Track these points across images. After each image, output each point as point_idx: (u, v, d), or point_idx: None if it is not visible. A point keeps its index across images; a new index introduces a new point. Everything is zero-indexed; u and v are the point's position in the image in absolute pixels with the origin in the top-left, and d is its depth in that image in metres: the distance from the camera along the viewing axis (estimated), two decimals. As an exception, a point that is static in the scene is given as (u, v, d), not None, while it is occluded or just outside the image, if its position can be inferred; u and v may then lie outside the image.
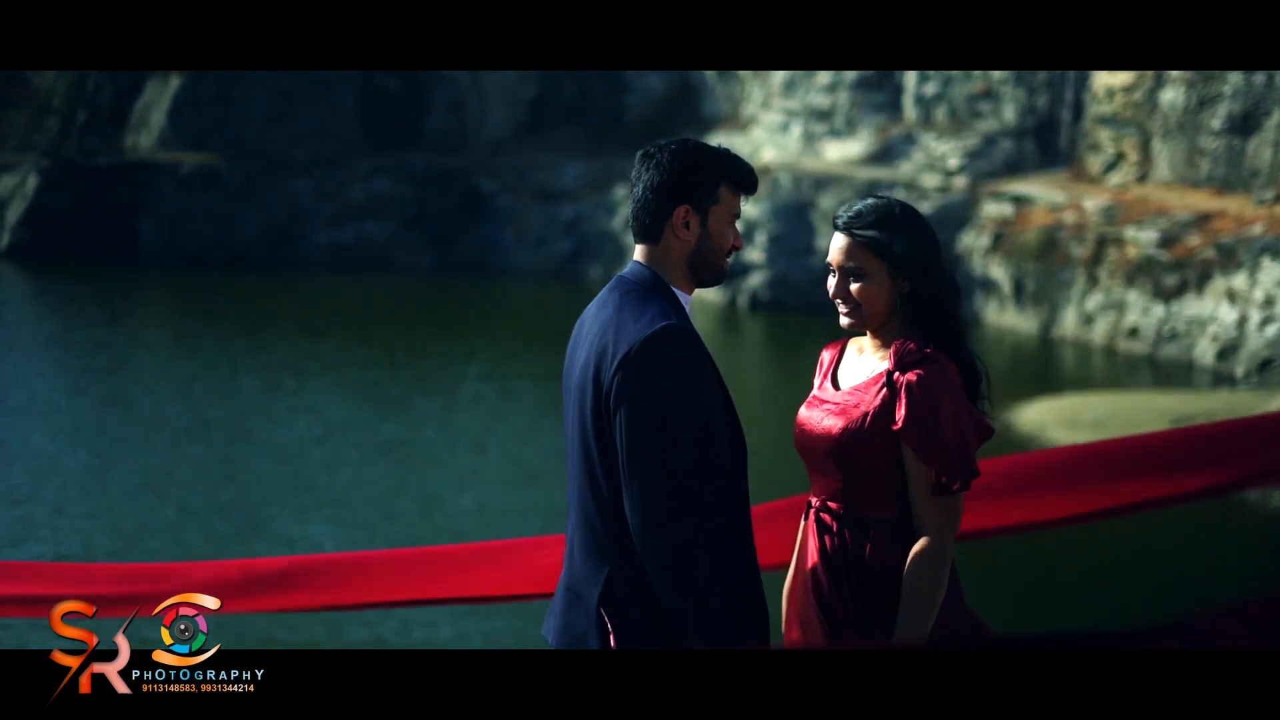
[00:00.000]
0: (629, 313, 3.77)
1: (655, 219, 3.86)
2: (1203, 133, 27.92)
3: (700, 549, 3.64)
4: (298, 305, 31.10)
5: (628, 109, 37.12)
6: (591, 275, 34.04)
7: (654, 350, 3.68)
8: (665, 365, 3.68)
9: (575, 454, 3.85)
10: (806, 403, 4.03)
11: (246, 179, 35.97)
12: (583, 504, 3.82)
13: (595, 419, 3.77)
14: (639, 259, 3.91)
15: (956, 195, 30.38)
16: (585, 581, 3.80)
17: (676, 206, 3.84)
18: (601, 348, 3.77)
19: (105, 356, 25.33)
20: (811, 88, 33.58)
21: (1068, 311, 28.13)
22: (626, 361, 3.69)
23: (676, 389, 3.67)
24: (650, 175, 3.85)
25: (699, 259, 3.87)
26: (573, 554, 3.86)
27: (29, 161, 36.40)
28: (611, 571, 3.74)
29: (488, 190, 36.07)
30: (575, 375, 3.87)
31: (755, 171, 3.94)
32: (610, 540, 3.76)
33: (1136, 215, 27.69)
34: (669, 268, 3.87)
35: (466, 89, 37.29)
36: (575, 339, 3.95)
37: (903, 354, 3.88)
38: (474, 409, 22.41)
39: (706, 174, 3.84)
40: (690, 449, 3.67)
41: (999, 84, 31.28)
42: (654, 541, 3.63)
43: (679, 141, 3.89)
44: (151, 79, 37.03)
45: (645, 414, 3.66)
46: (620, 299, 3.82)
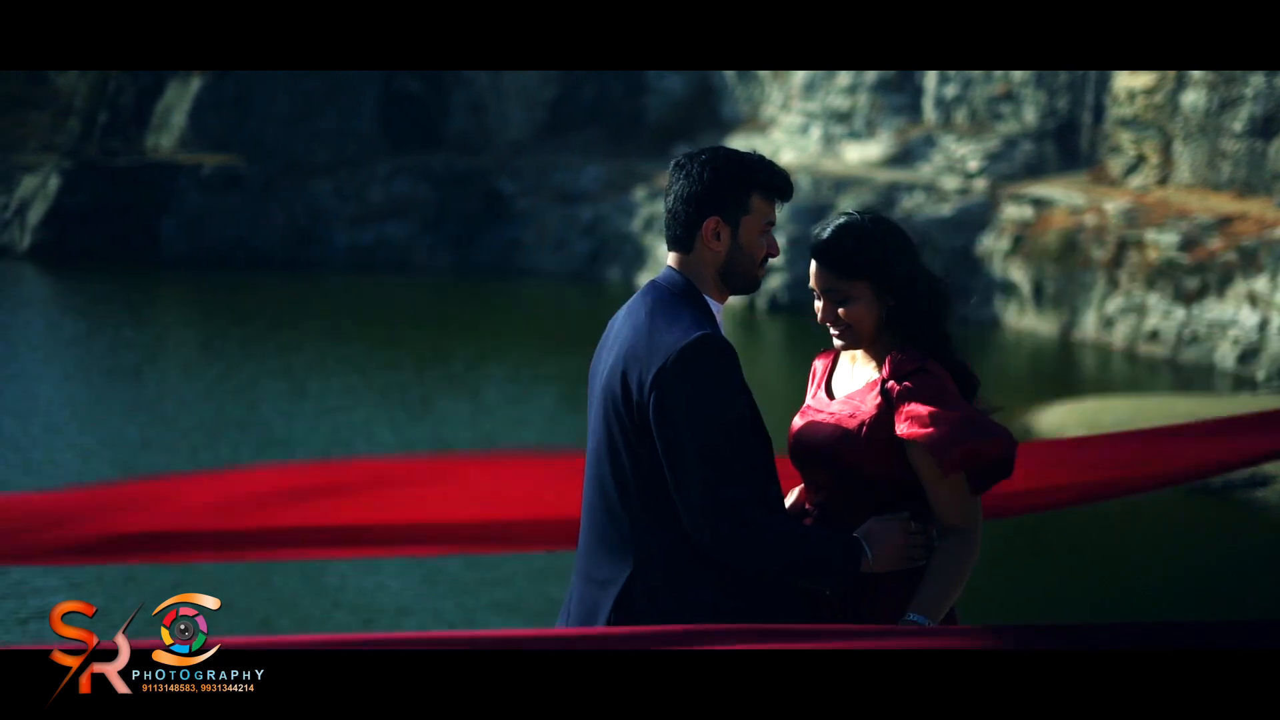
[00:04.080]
0: (661, 320, 3.78)
1: (686, 229, 3.86)
2: (1224, 135, 27.84)
3: (765, 524, 3.71)
4: (320, 306, 31.16)
5: (647, 111, 37.12)
6: (611, 277, 34.04)
7: (689, 359, 3.69)
8: (702, 374, 3.70)
9: (597, 456, 3.86)
10: (800, 412, 4.01)
11: (267, 180, 36.05)
12: (602, 505, 3.83)
13: (620, 423, 3.78)
14: (672, 265, 3.92)
15: (976, 197, 30.33)
16: (602, 583, 3.80)
17: (707, 218, 3.84)
18: (631, 353, 3.78)
19: (130, 357, 25.41)
20: (831, 89, 33.56)
21: (1088, 314, 28.07)
22: (663, 371, 3.71)
23: (715, 395, 3.70)
24: (681, 186, 3.86)
25: (730, 269, 3.87)
26: (588, 554, 3.87)
27: (51, 162, 36.53)
28: (632, 575, 3.75)
29: (508, 192, 36.10)
30: (602, 377, 3.88)
31: (790, 178, 3.93)
32: (631, 542, 3.77)
33: (1157, 218, 27.62)
34: (701, 276, 3.87)
35: (487, 91, 37.33)
36: (604, 341, 3.96)
37: (897, 364, 3.88)
38: (498, 412, 22.43)
39: (737, 184, 3.84)
40: (732, 449, 3.71)
41: (1019, 86, 31.22)
42: (721, 528, 3.66)
43: (710, 151, 3.88)
44: (173, 80, 37.14)
45: (688, 420, 3.68)
46: (653, 304, 3.82)
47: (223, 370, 24.48)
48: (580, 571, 3.88)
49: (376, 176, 36.33)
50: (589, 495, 3.88)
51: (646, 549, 3.75)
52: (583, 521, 3.91)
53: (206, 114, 36.56)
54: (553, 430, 21.14)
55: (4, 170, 36.87)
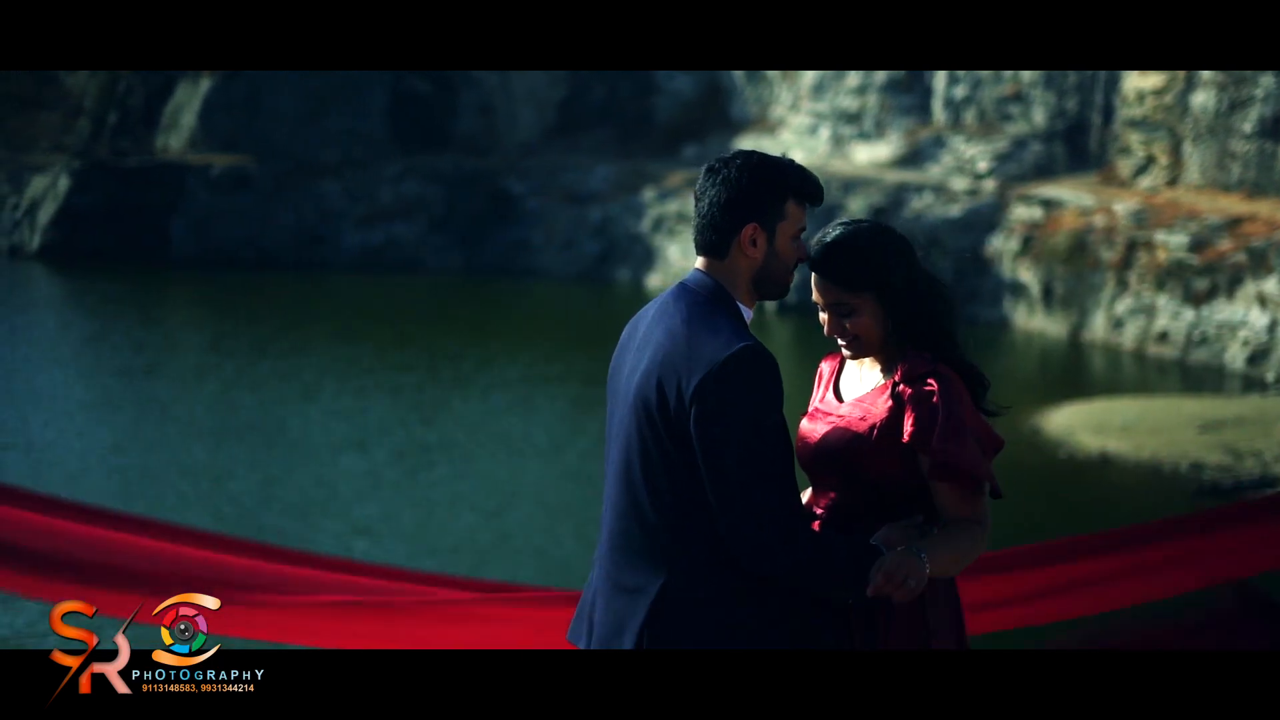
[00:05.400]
0: (701, 327, 3.74)
1: (722, 235, 3.81)
2: (1234, 136, 27.80)
3: (807, 536, 3.72)
4: (329, 307, 31.19)
5: (657, 111, 37.12)
6: (619, 277, 34.04)
7: (734, 370, 3.66)
8: (747, 385, 3.66)
9: (625, 461, 3.80)
10: (808, 415, 3.98)
11: (277, 180, 36.09)
12: (633, 513, 3.78)
13: (655, 430, 3.73)
14: (702, 269, 3.86)
15: (986, 198, 30.30)
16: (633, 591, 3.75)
17: (745, 224, 3.79)
18: (669, 361, 3.73)
19: (141, 357, 25.43)
20: (840, 90, 33.55)
21: (1097, 315, 28.04)
22: (707, 381, 3.67)
23: (759, 406, 3.68)
24: (717, 192, 3.80)
25: (765, 275, 3.84)
26: (615, 561, 3.81)
27: (61, 162, 36.59)
28: (665, 584, 3.71)
29: (516, 192, 36.12)
30: (631, 381, 3.83)
31: (820, 182, 3.90)
32: (664, 551, 3.72)
33: (1167, 219, 27.59)
34: (734, 282, 3.83)
35: (496, 91, 37.35)
36: (627, 343, 3.91)
37: (908, 368, 3.87)
38: (509, 413, 22.43)
39: (773, 189, 3.80)
40: (772, 460, 3.70)
41: (1029, 87, 31.19)
42: (764, 540, 3.65)
43: (743, 155, 3.83)
44: (182, 81, 37.19)
45: (732, 431, 3.66)
46: (688, 311, 3.77)
47: (233, 370, 24.50)
48: (605, 577, 3.82)
49: (385, 177, 36.36)
50: (615, 501, 3.82)
51: (680, 559, 3.71)
52: (607, 526, 3.85)
53: (216, 114, 36.60)
54: (565, 431, 21.15)
55: (14, 171, 36.93)
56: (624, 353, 3.90)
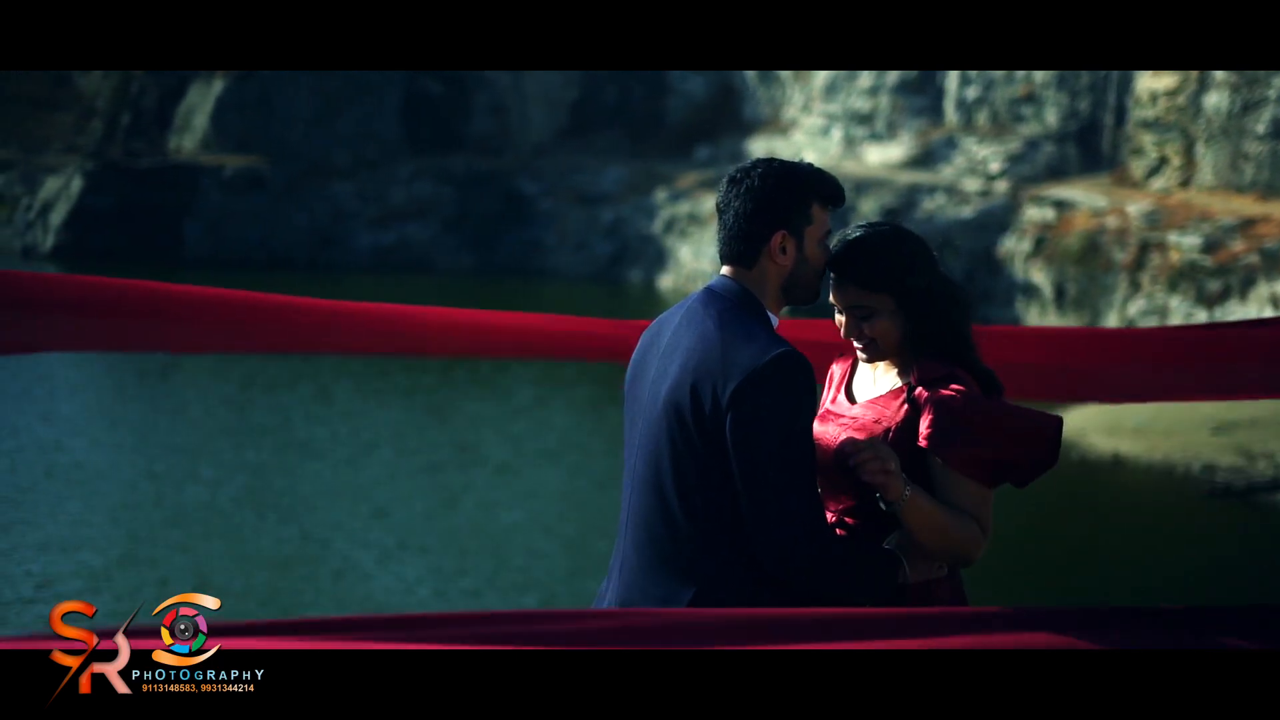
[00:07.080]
0: (735, 333, 3.73)
1: (750, 244, 3.81)
2: (1247, 137, 27.75)
3: (840, 545, 3.75)
4: (342, 307, 31.14)
5: (669, 112, 37.13)
6: (632, 278, 34.04)
7: (771, 376, 3.66)
8: (784, 390, 3.67)
9: (653, 469, 3.78)
10: (819, 417, 3.96)
11: (289, 181, 36.14)
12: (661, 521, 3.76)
13: (687, 437, 3.71)
14: (729, 275, 3.86)
15: (998, 199, 30.28)
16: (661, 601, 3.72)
17: (774, 232, 3.80)
18: (703, 367, 3.71)
19: (156, 359, 25.46)
20: (852, 91, 33.53)
21: (1110, 317, 27.99)
22: (744, 387, 3.66)
23: (801, 410, 3.70)
24: (742, 202, 3.80)
25: (794, 281, 3.84)
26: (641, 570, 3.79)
27: (74, 163, 36.66)
28: (697, 594, 3.69)
29: (529, 193, 36.14)
30: (659, 388, 3.80)
31: (841, 184, 3.91)
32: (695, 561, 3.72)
33: (1180, 220, 27.54)
34: (763, 289, 3.83)
35: (508, 92, 37.37)
36: (648, 349, 3.89)
37: (925, 371, 3.87)
38: (526, 414, 22.44)
39: (798, 195, 3.80)
40: (809, 466, 3.72)
41: (1041, 87, 31.16)
42: (800, 550, 3.65)
43: (765, 163, 3.83)
44: (195, 82, 37.25)
45: (769, 438, 3.66)
46: (719, 316, 3.76)
47: (247, 373, 24.53)
48: (628, 586, 3.81)
49: (398, 178, 36.39)
50: (641, 509, 3.80)
51: (712, 569, 3.70)
52: (630, 536, 3.83)
53: (229, 115, 36.66)
54: (582, 432, 21.15)
55: (27, 171, 37.01)
56: (646, 359, 3.89)
